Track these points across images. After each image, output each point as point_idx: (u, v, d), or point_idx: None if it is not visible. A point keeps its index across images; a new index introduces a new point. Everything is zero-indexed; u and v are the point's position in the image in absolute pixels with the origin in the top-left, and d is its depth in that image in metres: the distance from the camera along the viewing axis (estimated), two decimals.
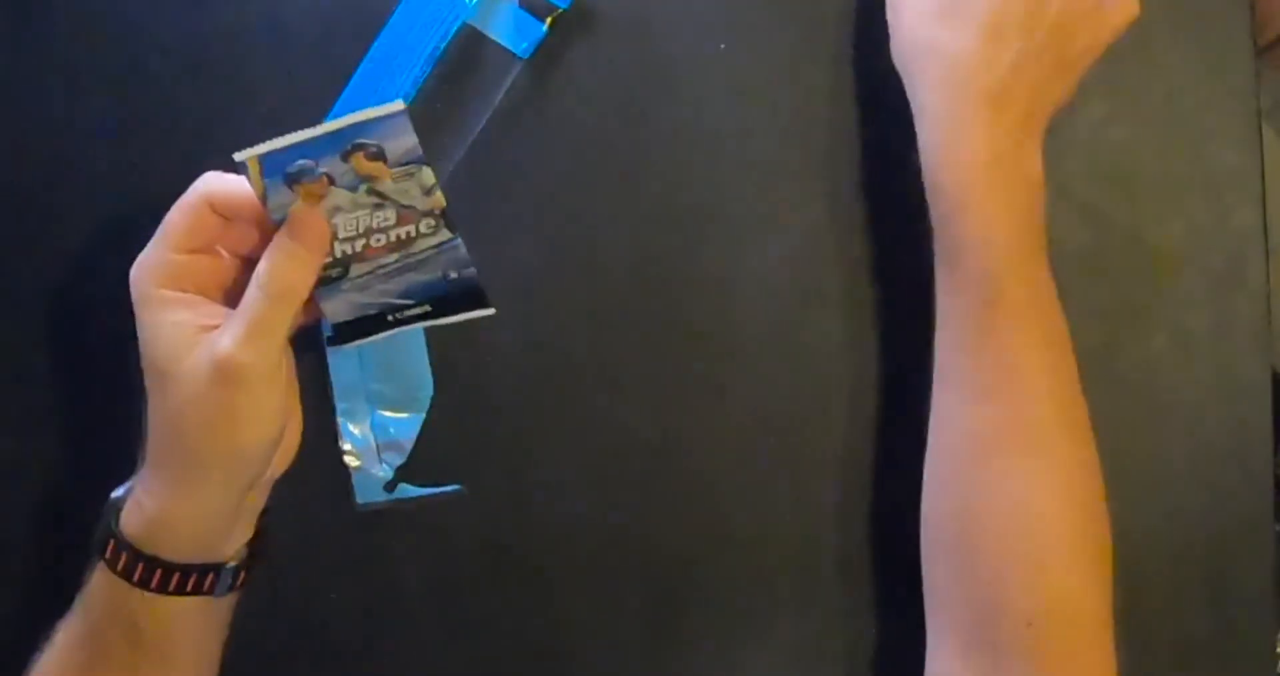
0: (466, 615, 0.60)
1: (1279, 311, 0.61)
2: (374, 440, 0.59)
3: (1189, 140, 0.61)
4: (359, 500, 0.60)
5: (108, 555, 0.48)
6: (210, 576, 0.49)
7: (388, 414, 0.59)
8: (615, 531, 0.60)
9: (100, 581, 0.49)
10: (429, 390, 0.59)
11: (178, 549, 0.48)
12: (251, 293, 0.45)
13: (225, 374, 0.44)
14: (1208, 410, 0.60)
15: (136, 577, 0.48)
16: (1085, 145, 0.61)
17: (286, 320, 0.46)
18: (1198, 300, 0.60)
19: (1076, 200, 0.61)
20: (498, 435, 0.60)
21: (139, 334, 0.46)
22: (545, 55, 0.60)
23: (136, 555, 0.48)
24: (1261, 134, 0.60)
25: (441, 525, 0.60)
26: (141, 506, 0.48)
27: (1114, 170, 0.61)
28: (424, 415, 0.59)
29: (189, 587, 0.49)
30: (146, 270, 0.46)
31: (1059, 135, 0.61)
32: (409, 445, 0.59)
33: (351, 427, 0.59)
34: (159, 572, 0.48)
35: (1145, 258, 0.60)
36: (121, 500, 0.49)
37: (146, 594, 0.48)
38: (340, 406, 0.59)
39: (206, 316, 0.46)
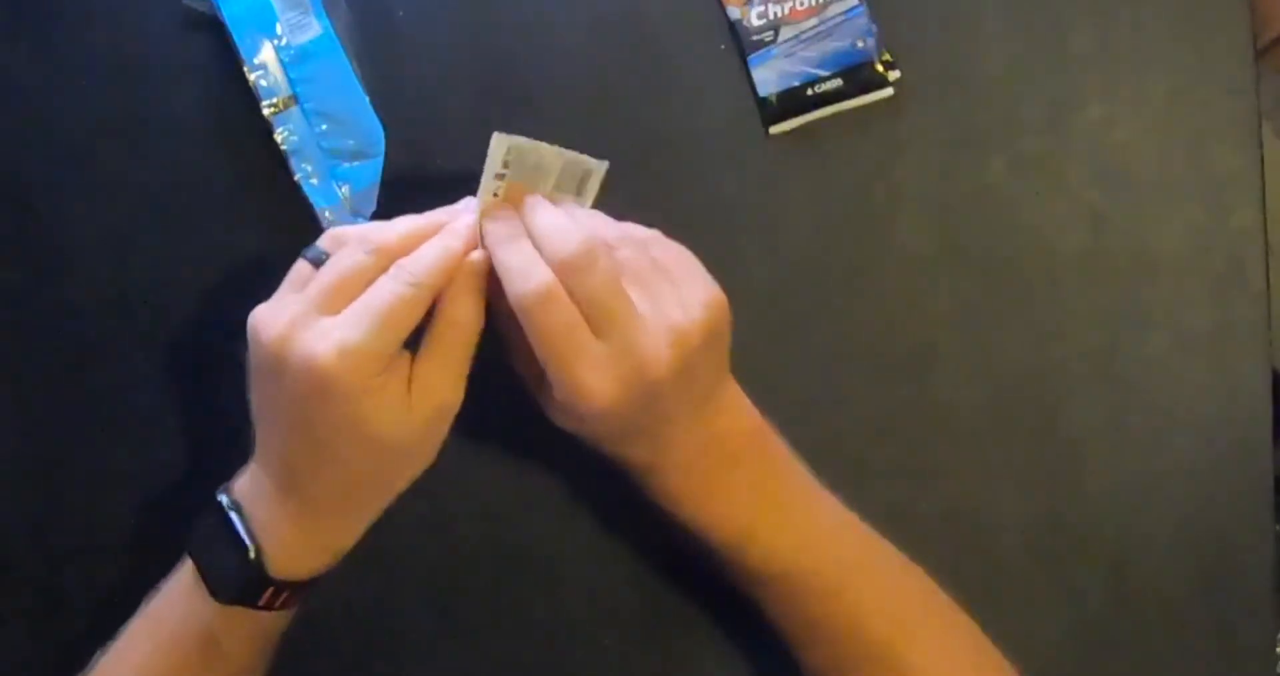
0: (466, 615, 0.60)
1: (1279, 311, 0.61)
2: (342, 193, 0.59)
3: (1189, 140, 0.61)
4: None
5: (261, 603, 0.49)
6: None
7: (347, 165, 0.59)
8: (616, 529, 0.60)
9: (233, 619, 0.50)
10: (379, 133, 0.59)
11: (314, 569, 0.51)
12: (452, 331, 0.48)
13: (447, 415, 0.49)
14: (1208, 410, 0.60)
15: (294, 602, 0.51)
16: (1085, 145, 0.61)
17: (474, 348, 0.49)
18: (1198, 300, 0.60)
19: (1076, 200, 0.61)
20: (500, 434, 0.60)
21: (339, 417, 0.46)
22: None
23: (296, 587, 0.50)
24: (1261, 134, 0.60)
25: (442, 523, 0.60)
26: (301, 547, 0.49)
27: (1114, 170, 0.61)
28: (381, 158, 0.59)
29: (307, 594, 0.52)
30: (361, 361, 0.45)
31: (1059, 135, 0.61)
32: (375, 190, 0.60)
33: (316, 184, 0.59)
34: (291, 593, 0.50)
35: (1145, 258, 0.60)
36: (258, 554, 0.49)
37: (275, 613, 0.51)
38: (301, 171, 0.59)
39: (402, 373, 0.47)
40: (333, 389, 0.45)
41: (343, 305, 0.46)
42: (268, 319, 0.46)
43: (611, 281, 0.47)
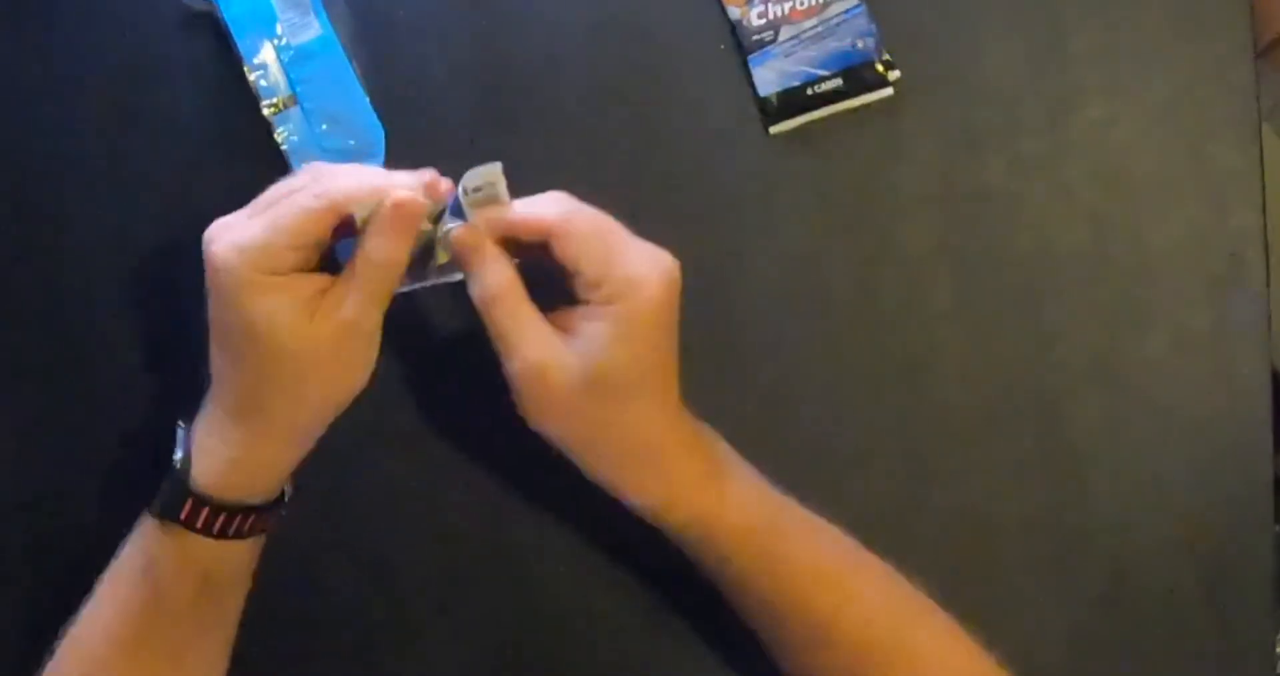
0: (466, 615, 0.60)
1: (1279, 311, 0.61)
2: None
3: (1189, 140, 0.61)
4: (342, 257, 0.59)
5: (184, 516, 0.50)
6: (275, 510, 0.53)
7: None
8: (618, 529, 0.60)
9: (165, 541, 0.51)
10: (379, 133, 0.60)
11: (253, 493, 0.52)
12: (364, 265, 0.50)
13: (351, 334, 0.50)
14: (1208, 410, 0.60)
15: (216, 529, 0.51)
16: (1085, 145, 0.61)
17: (394, 285, 0.51)
18: (1198, 300, 0.60)
19: (1076, 200, 0.61)
20: (499, 435, 0.60)
21: (234, 313, 0.48)
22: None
23: (218, 508, 0.51)
24: (1261, 134, 0.60)
25: (442, 523, 0.60)
26: (222, 459, 0.51)
27: (1114, 170, 0.61)
28: (381, 158, 0.60)
29: (261, 526, 0.53)
30: (251, 257, 0.48)
31: (1059, 135, 0.61)
32: None
33: None
34: (238, 519, 0.51)
35: (1145, 257, 0.61)
36: (185, 462, 0.51)
37: (223, 542, 0.51)
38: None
39: (307, 289, 0.49)
40: (223, 278, 0.48)
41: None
42: (212, 226, 0.50)
43: (603, 217, 0.51)
